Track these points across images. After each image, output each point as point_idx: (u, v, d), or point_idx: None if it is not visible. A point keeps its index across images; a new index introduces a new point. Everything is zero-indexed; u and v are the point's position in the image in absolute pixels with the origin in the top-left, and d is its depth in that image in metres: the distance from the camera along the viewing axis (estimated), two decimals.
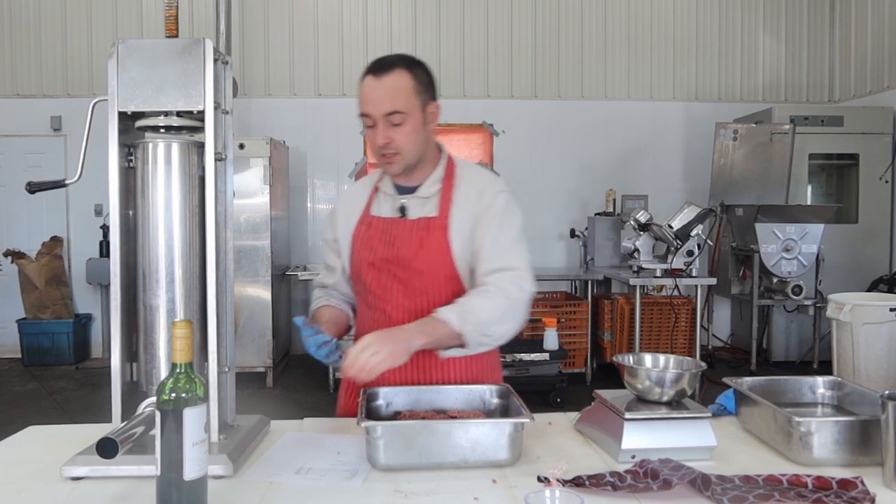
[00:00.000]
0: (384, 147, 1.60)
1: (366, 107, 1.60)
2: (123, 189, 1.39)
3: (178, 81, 1.34)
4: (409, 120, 1.59)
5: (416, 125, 1.61)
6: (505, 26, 7.11)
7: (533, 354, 5.02)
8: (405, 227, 1.67)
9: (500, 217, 1.65)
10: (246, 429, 1.45)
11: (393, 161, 1.62)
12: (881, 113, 6.45)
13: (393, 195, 1.71)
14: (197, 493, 1.10)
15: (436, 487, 1.25)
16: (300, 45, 6.98)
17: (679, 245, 5.16)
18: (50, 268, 6.47)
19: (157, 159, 1.38)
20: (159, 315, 1.36)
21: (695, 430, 1.38)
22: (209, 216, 1.37)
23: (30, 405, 5.29)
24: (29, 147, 6.84)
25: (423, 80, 1.63)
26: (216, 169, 1.39)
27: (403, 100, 1.58)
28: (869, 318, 3.96)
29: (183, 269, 1.37)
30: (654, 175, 7.09)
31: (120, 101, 1.34)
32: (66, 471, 1.28)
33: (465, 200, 1.66)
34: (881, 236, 6.50)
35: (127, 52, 1.35)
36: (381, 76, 1.59)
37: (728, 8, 7.26)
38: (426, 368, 1.68)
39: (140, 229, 1.38)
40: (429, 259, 1.64)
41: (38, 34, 6.85)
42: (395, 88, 1.58)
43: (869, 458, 1.33)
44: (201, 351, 1.39)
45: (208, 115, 1.35)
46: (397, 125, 1.59)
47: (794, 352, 6.40)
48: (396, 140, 1.59)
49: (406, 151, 1.61)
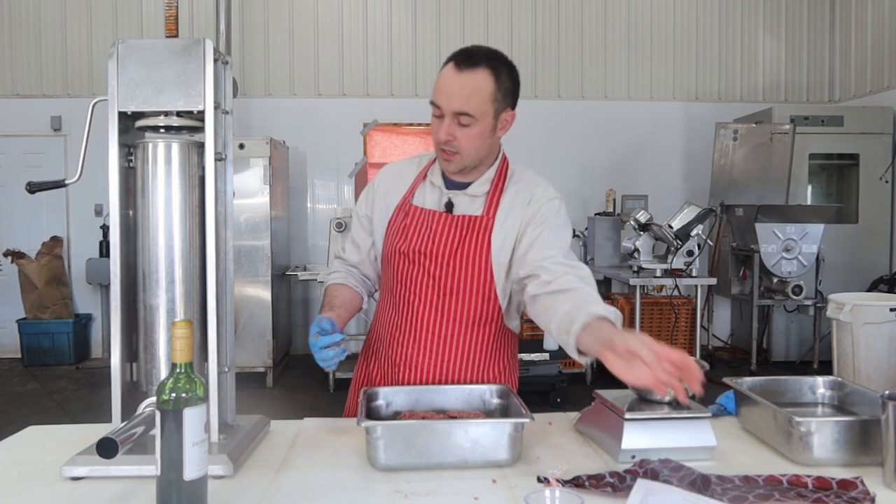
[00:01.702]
0: (446, 143, 1.55)
1: (438, 97, 1.53)
2: (123, 189, 1.38)
3: (178, 81, 1.34)
4: (477, 124, 1.53)
5: (483, 130, 1.54)
6: (505, 26, 7.11)
7: (533, 354, 5.02)
8: (448, 222, 1.62)
9: (551, 222, 1.59)
10: (246, 429, 1.44)
11: (451, 159, 1.57)
12: (881, 113, 6.45)
13: (441, 188, 1.65)
14: (197, 493, 1.10)
15: (436, 487, 1.24)
16: (300, 45, 6.98)
17: (679, 245, 5.16)
18: (50, 268, 6.47)
19: (158, 159, 1.37)
20: (159, 315, 1.36)
21: (695, 430, 1.38)
22: (209, 216, 1.37)
23: (30, 405, 5.29)
24: (29, 147, 6.84)
25: (505, 86, 1.55)
26: (216, 169, 1.38)
27: (477, 103, 1.51)
28: (869, 318, 3.96)
29: (183, 269, 1.37)
30: (654, 175, 7.09)
31: (120, 101, 1.34)
32: (66, 471, 1.27)
33: (513, 204, 1.62)
34: (881, 236, 6.50)
35: (127, 51, 1.34)
36: (463, 71, 1.51)
37: (728, 8, 7.26)
38: (457, 363, 1.66)
39: (140, 229, 1.38)
40: (466, 258, 1.60)
41: (38, 34, 6.85)
42: (473, 89, 1.50)
43: (869, 459, 1.32)
44: (201, 351, 1.39)
45: (208, 115, 1.35)
46: (464, 126, 1.52)
47: (794, 352, 6.40)
48: (459, 140, 1.54)
49: (466, 154, 1.56)
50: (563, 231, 1.62)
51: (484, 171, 1.64)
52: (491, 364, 1.69)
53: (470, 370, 1.67)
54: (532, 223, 1.59)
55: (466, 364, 1.66)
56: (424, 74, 7.02)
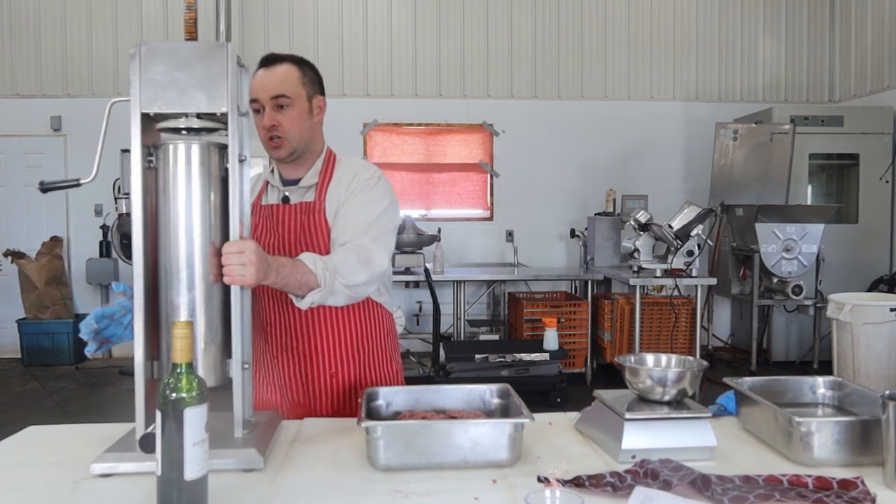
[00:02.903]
0: (270, 130, 1.69)
1: (255, 93, 1.68)
2: (145, 189, 1.40)
3: (201, 84, 1.35)
4: (295, 105, 1.70)
5: (301, 112, 1.72)
6: (505, 26, 7.11)
7: (533, 354, 5.02)
8: (287, 211, 1.76)
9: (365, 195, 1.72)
10: (263, 424, 1.47)
11: (279, 146, 1.71)
12: (881, 113, 6.45)
13: (278, 187, 1.80)
14: (198, 492, 1.10)
15: (436, 487, 1.25)
16: (300, 45, 6.97)
17: (679, 245, 5.16)
18: (50, 268, 6.47)
19: (179, 160, 1.39)
20: (181, 313, 1.38)
21: (695, 430, 1.38)
22: (232, 216, 1.39)
23: (30, 405, 5.29)
24: (29, 147, 6.84)
25: (310, 75, 1.76)
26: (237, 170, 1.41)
27: (290, 87, 1.70)
28: (869, 318, 3.96)
29: (205, 267, 1.39)
30: (654, 175, 7.09)
31: (143, 103, 1.35)
32: (95, 468, 1.30)
33: (339, 185, 1.76)
34: (881, 236, 6.50)
35: (149, 53, 1.35)
36: (270, 66, 1.72)
37: (728, 8, 7.26)
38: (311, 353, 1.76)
39: (162, 229, 1.40)
40: (310, 241, 1.72)
41: (38, 34, 6.84)
42: (283, 76, 1.70)
43: (869, 458, 1.32)
44: (223, 348, 1.42)
45: (231, 117, 1.37)
46: (283, 108, 1.69)
47: (794, 352, 6.40)
48: (282, 124, 1.69)
49: (291, 136, 1.71)
50: (372, 206, 1.72)
51: (311, 165, 1.79)
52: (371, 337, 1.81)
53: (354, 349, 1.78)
54: (347, 193, 1.74)
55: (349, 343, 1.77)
56: (424, 74, 7.03)
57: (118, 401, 5.32)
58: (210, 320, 1.39)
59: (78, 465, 1.34)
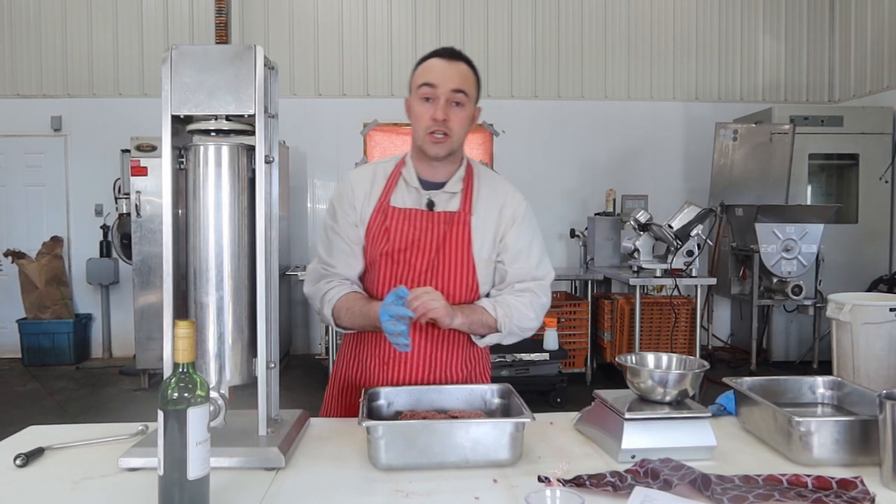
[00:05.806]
0: (442, 123, 1.62)
1: (435, 78, 1.62)
2: (174, 190, 1.42)
3: (229, 86, 1.37)
4: (468, 106, 1.66)
5: (469, 114, 1.67)
6: (505, 26, 7.12)
7: (533, 354, 5.02)
8: (431, 219, 1.69)
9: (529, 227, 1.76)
10: (290, 423, 1.49)
11: (443, 141, 1.64)
12: (881, 113, 6.46)
13: (418, 188, 1.72)
14: (200, 492, 1.10)
15: (437, 487, 1.25)
16: (300, 45, 6.98)
17: (679, 245, 5.16)
18: (50, 268, 6.47)
19: (209, 161, 1.42)
20: (209, 312, 1.40)
21: (695, 430, 1.38)
22: (259, 217, 1.40)
23: (30, 405, 5.29)
24: (29, 147, 6.84)
25: (478, 82, 1.71)
26: (265, 171, 1.42)
27: (469, 86, 1.65)
28: (869, 318, 3.96)
29: (232, 267, 1.41)
30: (654, 175, 7.09)
31: (173, 105, 1.37)
32: (123, 462, 1.31)
33: (487, 202, 1.73)
34: (881, 236, 6.50)
35: (180, 57, 1.37)
36: (452, 61, 1.65)
37: (728, 8, 7.27)
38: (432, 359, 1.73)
39: (191, 229, 1.43)
40: (450, 251, 1.68)
41: (38, 34, 6.84)
42: (464, 74, 1.65)
43: (869, 458, 1.33)
44: (250, 347, 1.43)
45: (259, 119, 1.38)
46: (459, 106, 1.63)
47: (794, 352, 6.40)
48: (452, 121, 1.63)
49: (455, 135, 1.65)
50: (535, 242, 1.76)
51: (454, 171, 1.74)
52: (471, 354, 1.78)
53: (455, 362, 1.74)
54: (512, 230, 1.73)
55: (451, 356, 1.74)
56: None
57: (118, 401, 5.31)
58: (238, 320, 1.42)
59: (78, 464, 1.34)
